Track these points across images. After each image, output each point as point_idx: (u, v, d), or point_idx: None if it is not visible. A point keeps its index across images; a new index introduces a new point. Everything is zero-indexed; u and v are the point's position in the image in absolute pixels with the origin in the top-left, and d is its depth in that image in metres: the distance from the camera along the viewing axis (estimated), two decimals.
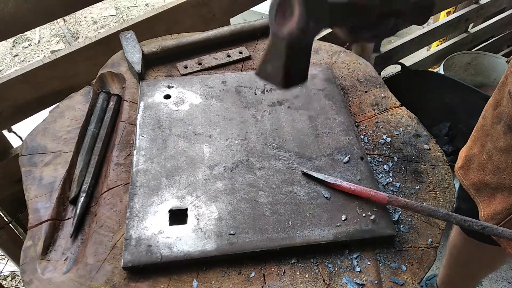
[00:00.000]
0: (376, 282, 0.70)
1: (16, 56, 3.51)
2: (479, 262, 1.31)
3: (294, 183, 0.81)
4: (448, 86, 1.98)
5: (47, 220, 0.78)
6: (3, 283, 1.83)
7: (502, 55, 2.54)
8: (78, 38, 3.67)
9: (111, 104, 0.99)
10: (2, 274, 1.83)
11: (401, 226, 0.78)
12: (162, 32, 1.22)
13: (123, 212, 0.78)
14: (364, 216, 0.76)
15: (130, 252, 0.70)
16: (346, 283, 0.69)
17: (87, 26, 3.80)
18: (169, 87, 0.99)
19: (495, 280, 1.86)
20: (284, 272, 0.71)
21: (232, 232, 0.73)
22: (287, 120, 0.93)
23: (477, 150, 1.00)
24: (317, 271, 0.71)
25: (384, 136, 0.93)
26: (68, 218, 0.81)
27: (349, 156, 0.86)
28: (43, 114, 1.06)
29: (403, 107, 1.00)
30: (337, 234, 0.73)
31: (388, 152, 0.90)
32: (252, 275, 0.70)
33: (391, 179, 0.85)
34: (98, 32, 3.67)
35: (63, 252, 0.75)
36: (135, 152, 0.85)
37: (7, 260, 1.81)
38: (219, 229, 0.73)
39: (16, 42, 3.62)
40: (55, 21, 3.32)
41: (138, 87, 1.01)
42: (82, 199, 0.80)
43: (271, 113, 0.95)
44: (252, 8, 1.52)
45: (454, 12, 2.34)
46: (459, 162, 1.08)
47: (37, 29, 3.67)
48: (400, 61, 2.03)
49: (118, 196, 0.81)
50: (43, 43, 3.63)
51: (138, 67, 1.01)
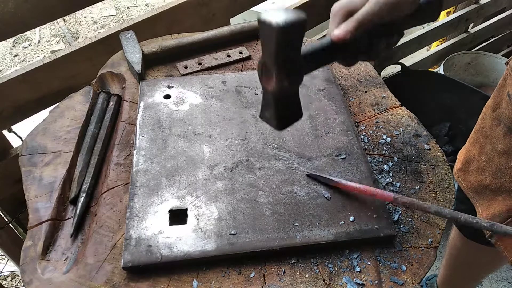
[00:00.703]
0: (376, 282, 0.70)
1: (16, 56, 3.51)
2: (478, 263, 1.31)
3: (294, 183, 0.81)
4: (448, 86, 1.98)
5: (47, 220, 0.78)
6: (3, 283, 1.83)
7: (502, 55, 2.54)
8: (78, 38, 3.67)
9: (111, 104, 0.99)
10: (2, 274, 1.83)
11: (401, 226, 0.78)
12: (162, 32, 1.22)
13: (123, 212, 0.78)
14: (364, 216, 0.76)
15: (130, 252, 0.70)
16: (346, 283, 0.69)
17: (87, 26, 3.80)
18: (169, 87, 0.99)
19: (495, 280, 1.86)
20: (284, 272, 0.71)
21: (233, 232, 0.73)
22: None
23: (476, 152, 1.00)
24: (317, 271, 0.71)
25: (384, 136, 0.93)
26: (68, 218, 0.81)
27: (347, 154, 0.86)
28: (43, 114, 1.06)
29: (403, 107, 1.00)
30: (337, 234, 0.73)
31: (388, 152, 0.90)
32: (252, 275, 0.70)
33: (391, 179, 0.85)
34: (98, 32, 3.67)
35: (63, 252, 0.75)
36: (135, 152, 0.85)
37: (7, 260, 1.81)
38: (219, 229, 0.73)
39: (16, 42, 3.62)
40: (55, 21, 3.32)
41: (138, 87, 1.01)
42: (82, 199, 0.81)
43: None
44: (252, 8, 1.52)
45: (454, 12, 2.34)
46: (457, 164, 1.08)
47: (37, 29, 3.67)
48: (400, 61, 2.03)
49: (118, 196, 0.81)
50: (43, 43, 3.63)
51: (138, 67, 1.01)
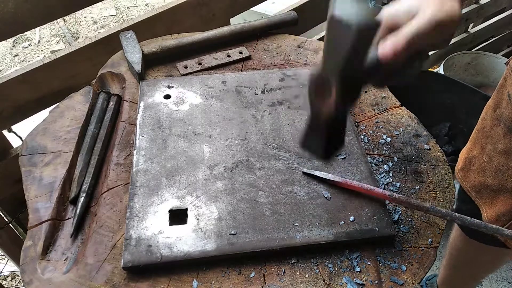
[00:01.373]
0: (376, 282, 0.70)
1: (16, 56, 3.51)
2: (479, 263, 1.31)
3: (294, 183, 0.81)
4: (448, 86, 1.98)
5: (47, 220, 0.78)
6: (3, 283, 1.83)
7: (502, 55, 2.54)
8: (78, 38, 3.67)
9: (111, 104, 0.99)
10: (2, 274, 1.83)
11: (401, 226, 0.78)
12: (162, 32, 1.22)
13: (123, 212, 0.78)
14: (364, 216, 0.76)
15: (130, 252, 0.70)
16: (346, 283, 0.69)
17: (87, 26, 3.80)
18: (169, 87, 0.99)
19: (495, 280, 1.86)
20: (284, 272, 0.71)
21: (233, 232, 0.73)
22: (287, 120, 0.93)
23: (477, 152, 1.00)
24: (317, 271, 0.71)
25: (384, 136, 0.93)
26: (68, 218, 0.81)
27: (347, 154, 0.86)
28: (43, 114, 1.06)
29: (403, 107, 1.00)
30: (337, 234, 0.73)
31: (388, 152, 0.90)
32: (252, 275, 0.70)
33: (391, 179, 0.85)
34: (98, 32, 3.67)
35: (63, 252, 0.75)
36: (135, 152, 0.85)
37: (7, 260, 1.81)
38: (219, 229, 0.73)
39: (16, 42, 3.62)
40: (55, 21, 3.32)
41: (138, 87, 1.01)
42: (82, 199, 0.80)
43: (271, 113, 0.95)
44: (252, 8, 1.52)
45: None
46: (459, 164, 1.08)
47: (37, 29, 3.67)
48: None
49: (118, 196, 0.81)
50: (43, 43, 3.63)
51: (138, 67, 1.01)
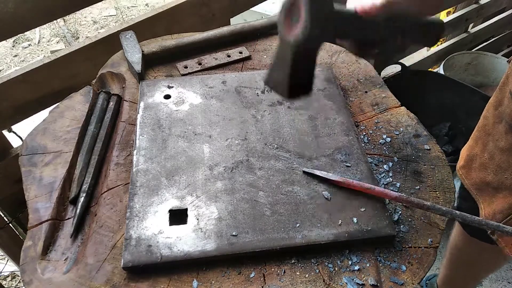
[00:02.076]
0: (376, 282, 0.70)
1: (16, 56, 3.51)
2: (480, 262, 1.31)
3: (294, 183, 0.81)
4: (448, 86, 1.98)
5: (47, 220, 0.78)
6: (3, 283, 1.83)
7: (502, 55, 2.54)
8: (78, 38, 3.67)
9: (111, 104, 0.99)
10: (2, 274, 1.83)
11: (401, 226, 0.78)
12: (162, 32, 1.22)
13: (123, 212, 0.78)
14: (364, 216, 0.76)
15: (130, 252, 0.70)
16: (346, 283, 0.69)
17: (87, 26, 3.80)
18: (169, 87, 0.99)
19: (495, 280, 1.86)
20: (284, 272, 0.71)
21: (234, 233, 0.73)
22: (287, 120, 0.93)
23: (478, 149, 1.00)
24: (317, 271, 0.71)
25: (384, 136, 0.93)
26: (68, 218, 0.81)
27: (348, 155, 0.86)
28: (43, 114, 1.06)
29: (403, 107, 1.00)
30: (337, 234, 0.73)
31: (388, 152, 0.90)
32: (252, 275, 0.70)
33: (391, 179, 0.85)
34: (98, 32, 3.67)
35: (63, 252, 0.75)
36: (135, 152, 0.85)
37: (7, 260, 1.81)
38: (219, 229, 0.73)
39: (16, 42, 3.62)
40: (55, 21, 3.32)
41: (138, 87, 1.01)
42: (82, 199, 0.80)
43: (271, 113, 0.95)
44: (252, 8, 1.52)
45: (454, 12, 2.34)
46: (460, 162, 1.08)
47: (37, 29, 3.67)
48: (400, 61, 2.03)
49: (118, 196, 0.81)
50: (43, 43, 3.63)
51: (138, 67, 1.01)
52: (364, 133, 0.94)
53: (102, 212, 0.78)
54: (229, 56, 1.11)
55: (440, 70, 2.19)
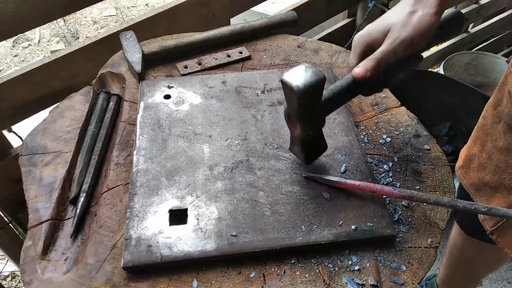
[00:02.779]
0: (376, 282, 0.70)
1: (16, 56, 3.51)
2: (479, 261, 1.31)
3: (294, 183, 0.81)
4: (448, 86, 1.98)
5: (47, 220, 0.78)
6: (3, 283, 1.83)
7: (502, 55, 2.54)
8: (78, 38, 3.67)
9: (111, 104, 0.99)
10: (2, 274, 1.83)
11: (401, 226, 0.78)
12: (162, 32, 1.22)
13: (123, 212, 0.78)
14: (364, 216, 0.76)
15: (130, 252, 0.70)
16: (346, 283, 0.69)
17: (87, 26, 3.80)
18: (169, 87, 0.99)
19: (495, 280, 1.86)
20: (284, 272, 0.71)
21: (234, 233, 0.73)
22: None
23: (477, 149, 1.01)
24: (317, 271, 0.71)
25: (384, 136, 0.93)
26: (68, 218, 0.81)
27: (347, 156, 0.86)
28: (43, 114, 1.06)
29: (403, 107, 1.00)
30: (337, 234, 0.73)
31: (388, 152, 0.90)
32: (252, 275, 0.70)
33: (391, 179, 0.85)
34: (98, 32, 3.68)
35: (63, 252, 0.75)
36: (135, 152, 0.85)
37: (7, 260, 1.81)
38: (219, 229, 0.73)
39: (16, 42, 3.62)
40: (55, 21, 3.32)
41: (138, 87, 1.01)
42: (82, 199, 0.80)
43: (271, 113, 0.95)
44: (252, 8, 1.52)
45: None
46: (459, 162, 1.08)
47: (37, 29, 3.67)
48: None
49: (118, 196, 0.81)
50: (43, 43, 3.63)
51: (138, 67, 1.01)
52: (364, 133, 0.94)
53: (102, 212, 0.78)
54: (229, 56, 1.11)
55: (440, 70, 2.19)
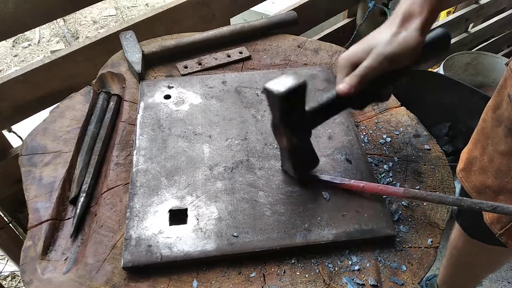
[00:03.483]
0: (376, 282, 0.70)
1: (16, 56, 3.51)
2: (480, 262, 1.31)
3: (294, 183, 0.81)
4: (448, 86, 1.98)
5: (47, 220, 0.78)
6: (3, 283, 1.83)
7: (502, 55, 2.54)
8: (78, 38, 3.67)
9: (111, 104, 0.99)
10: (2, 274, 1.83)
11: (401, 226, 0.78)
12: (162, 32, 1.22)
13: (123, 212, 0.78)
14: (364, 216, 0.76)
15: (130, 252, 0.70)
16: (346, 283, 0.69)
17: (87, 26, 3.80)
18: (169, 87, 0.99)
19: (495, 280, 1.86)
20: (284, 272, 0.71)
21: (235, 234, 0.73)
22: None
23: (478, 152, 1.00)
24: (317, 271, 0.71)
25: (384, 136, 0.93)
26: (68, 218, 0.81)
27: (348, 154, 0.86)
28: (43, 114, 1.06)
29: (403, 107, 1.00)
30: (337, 234, 0.73)
31: (388, 152, 0.90)
32: (252, 275, 0.70)
33: (391, 179, 0.85)
34: (98, 32, 3.68)
35: (63, 252, 0.75)
36: (135, 152, 0.85)
37: (7, 260, 1.81)
38: (219, 229, 0.73)
39: (16, 42, 3.62)
40: (55, 21, 3.32)
41: (138, 87, 1.01)
42: (82, 199, 0.80)
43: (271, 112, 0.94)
44: (252, 8, 1.52)
45: (454, 12, 2.34)
46: (460, 165, 1.08)
47: (37, 29, 3.67)
48: None
49: (118, 196, 0.81)
50: (43, 43, 3.63)
51: (138, 67, 1.01)
52: (364, 133, 0.94)
53: (102, 212, 0.78)
54: (229, 56, 1.11)
55: (440, 70, 2.19)
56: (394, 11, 0.71)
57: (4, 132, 1.20)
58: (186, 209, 0.76)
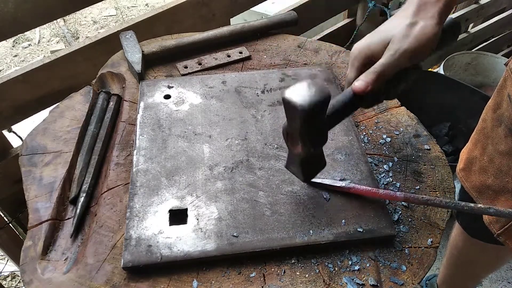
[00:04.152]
0: (376, 282, 0.70)
1: (16, 56, 3.51)
2: (481, 262, 1.31)
3: (294, 183, 0.81)
4: (448, 86, 1.98)
5: (47, 220, 0.78)
6: (3, 283, 1.83)
7: (502, 55, 2.54)
8: (78, 38, 3.67)
9: (111, 104, 0.99)
10: (2, 274, 1.83)
11: (401, 226, 0.78)
12: (162, 32, 1.22)
13: (123, 212, 0.78)
14: (364, 216, 0.76)
15: (130, 252, 0.70)
16: (346, 283, 0.69)
17: (87, 26, 3.80)
18: (169, 87, 0.99)
19: (495, 280, 1.86)
20: (284, 272, 0.71)
21: (235, 234, 0.73)
22: None
23: (478, 152, 1.00)
24: (317, 271, 0.71)
25: (384, 136, 0.93)
26: (68, 218, 0.81)
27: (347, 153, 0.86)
28: (43, 114, 1.06)
29: (403, 107, 1.00)
30: (337, 234, 0.73)
31: (388, 152, 0.90)
32: (252, 275, 0.70)
33: (391, 179, 0.85)
34: (98, 32, 3.68)
35: (63, 252, 0.75)
36: (135, 152, 0.85)
37: (7, 260, 1.81)
38: (219, 229, 0.73)
39: (16, 42, 3.62)
40: (55, 21, 3.32)
41: (138, 87, 1.01)
42: (82, 199, 0.80)
43: (271, 113, 0.95)
44: (252, 8, 1.52)
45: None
46: (460, 164, 1.08)
47: (37, 29, 3.67)
48: None
49: (118, 196, 0.81)
50: (43, 43, 3.63)
51: (138, 67, 1.01)
52: (364, 133, 0.94)
53: (102, 212, 0.78)
54: (229, 56, 1.11)
55: (440, 70, 2.19)
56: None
57: (4, 132, 1.20)
58: (186, 209, 0.76)
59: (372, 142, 0.92)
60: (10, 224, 1.29)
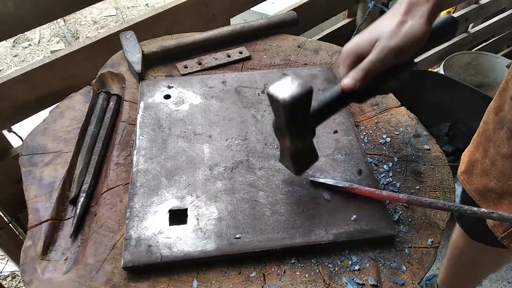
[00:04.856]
0: (376, 282, 0.70)
1: (16, 56, 3.51)
2: (481, 263, 1.31)
3: (294, 183, 0.81)
4: (448, 86, 1.98)
5: (47, 220, 0.78)
6: (3, 283, 1.83)
7: (502, 55, 2.54)
8: (78, 38, 3.67)
9: (111, 104, 0.99)
10: (2, 274, 1.83)
11: (401, 226, 0.78)
12: (162, 32, 1.22)
13: (123, 212, 0.78)
14: (364, 216, 0.76)
15: (130, 252, 0.70)
16: (346, 283, 0.69)
17: (87, 26, 3.80)
18: (169, 87, 0.99)
19: (495, 280, 1.86)
20: (284, 272, 0.71)
21: (237, 236, 0.72)
22: None
23: (479, 155, 0.99)
24: (317, 271, 0.71)
25: (384, 136, 0.93)
26: (68, 218, 0.81)
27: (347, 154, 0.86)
28: (43, 114, 1.06)
29: (403, 107, 1.00)
30: (337, 234, 0.73)
31: (388, 152, 0.90)
32: (252, 275, 0.70)
33: (391, 179, 0.85)
34: (98, 32, 3.68)
35: (63, 252, 0.75)
36: (135, 152, 0.85)
37: (7, 260, 1.81)
38: (219, 229, 0.73)
39: (16, 42, 3.62)
40: (55, 21, 3.32)
41: (138, 87, 1.01)
42: (82, 199, 0.80)
43: (271, 113, 0.94)
44: (252, 8, 1.52)
45: (454, 12, 2.34)
46: (461, 167, 1.07)
47: (37, 29, 3.67)
48: None
49: (118, 196, 0.81)
50: (43, 43, 3.63)
51: (138, 67, 1.01)
52: (364, 133, 0.94)
53: (102, 212, 0.78)
54: (229, 56, 1.11)
55: (440, 70, 2.19)
56: None
57: (4, 132, 1.20)
58: (186, 209, 0.76)
59: (372, 142, 0.92)
60: (10, 224, 1.29)
